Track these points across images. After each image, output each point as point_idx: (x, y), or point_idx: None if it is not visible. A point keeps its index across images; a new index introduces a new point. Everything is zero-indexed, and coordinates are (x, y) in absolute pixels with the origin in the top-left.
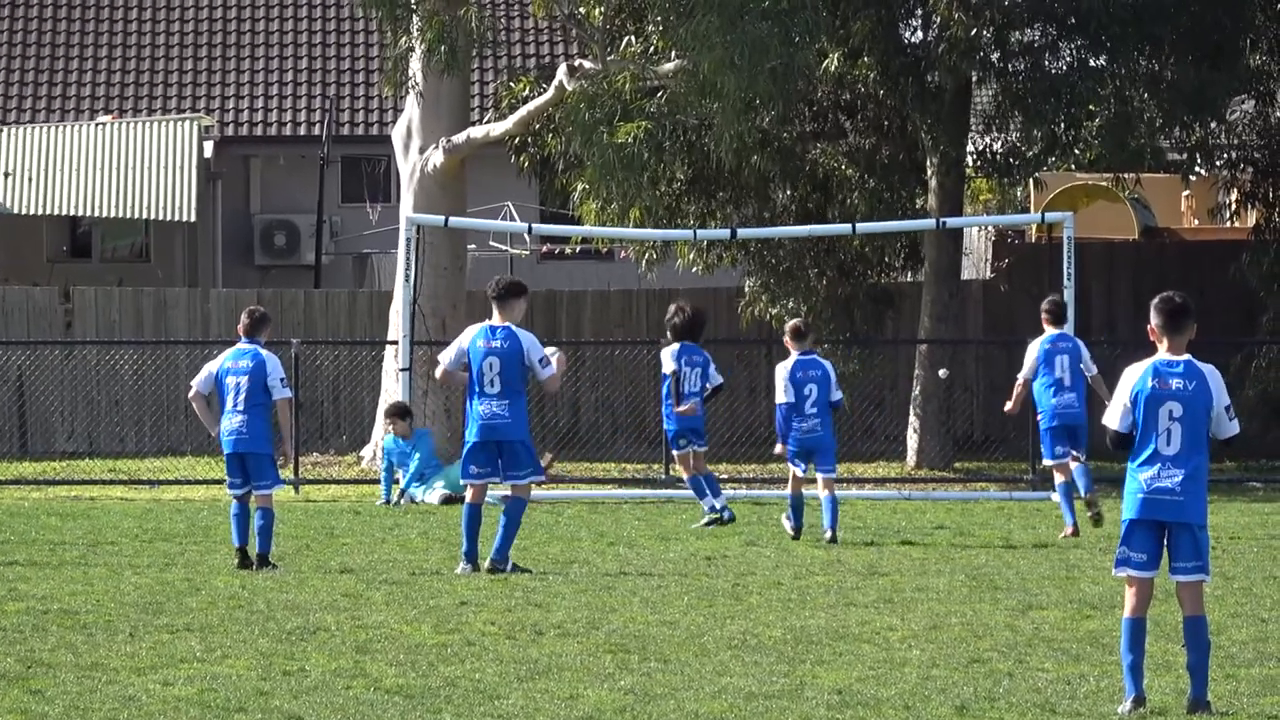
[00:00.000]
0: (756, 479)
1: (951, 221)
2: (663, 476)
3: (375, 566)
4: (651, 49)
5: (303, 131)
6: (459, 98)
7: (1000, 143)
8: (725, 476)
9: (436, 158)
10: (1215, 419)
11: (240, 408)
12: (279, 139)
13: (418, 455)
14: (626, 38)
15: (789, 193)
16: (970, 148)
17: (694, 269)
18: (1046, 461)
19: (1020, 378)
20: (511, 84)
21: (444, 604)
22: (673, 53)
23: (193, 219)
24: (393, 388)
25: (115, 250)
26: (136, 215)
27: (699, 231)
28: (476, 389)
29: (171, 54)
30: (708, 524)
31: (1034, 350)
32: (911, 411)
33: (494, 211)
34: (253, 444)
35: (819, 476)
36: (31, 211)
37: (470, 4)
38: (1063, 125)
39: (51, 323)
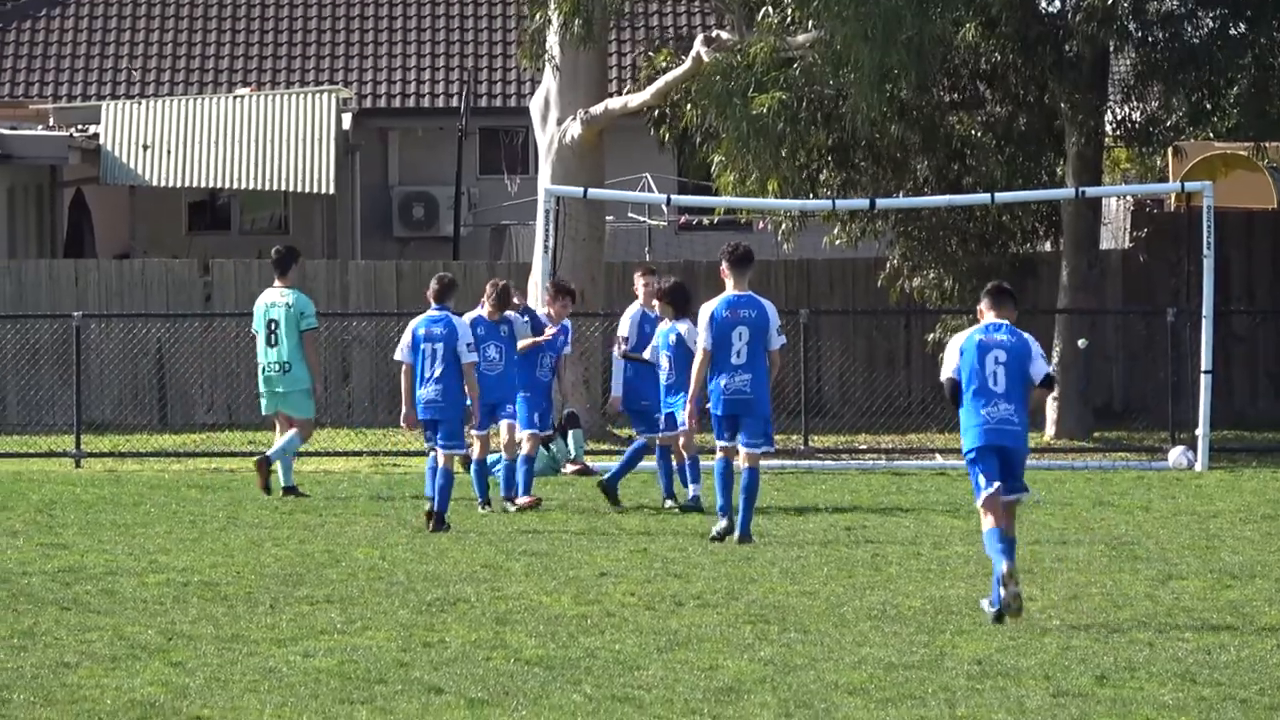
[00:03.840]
0: (896, 450)
1: (1090, 191)
2: (801, 447)
3: (515, 537)
4: (788, 20)
5: (441, 104)
6: (596, 70)
7: (1139, 111)
8: (864, 447)
9: (574, 129)
10: (1033, 367)
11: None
12: (417, 111)
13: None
14: (764, 9)
15: (928, 163)
16: (1109, 116)
17: (837, 242)
18: None
19: None
20: (650, 54)
21: (584, 575)
22: (809, 24)
23: (331, 191)
24: None
25: (254, 223)
26: (275, 188)
27: (838, 202)
28: (720, 360)
29: (310, 27)
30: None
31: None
32: None
33: (632, 183)
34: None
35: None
36: (171, 184)
37: None
38: (1203, 94)
39: (191, 295)
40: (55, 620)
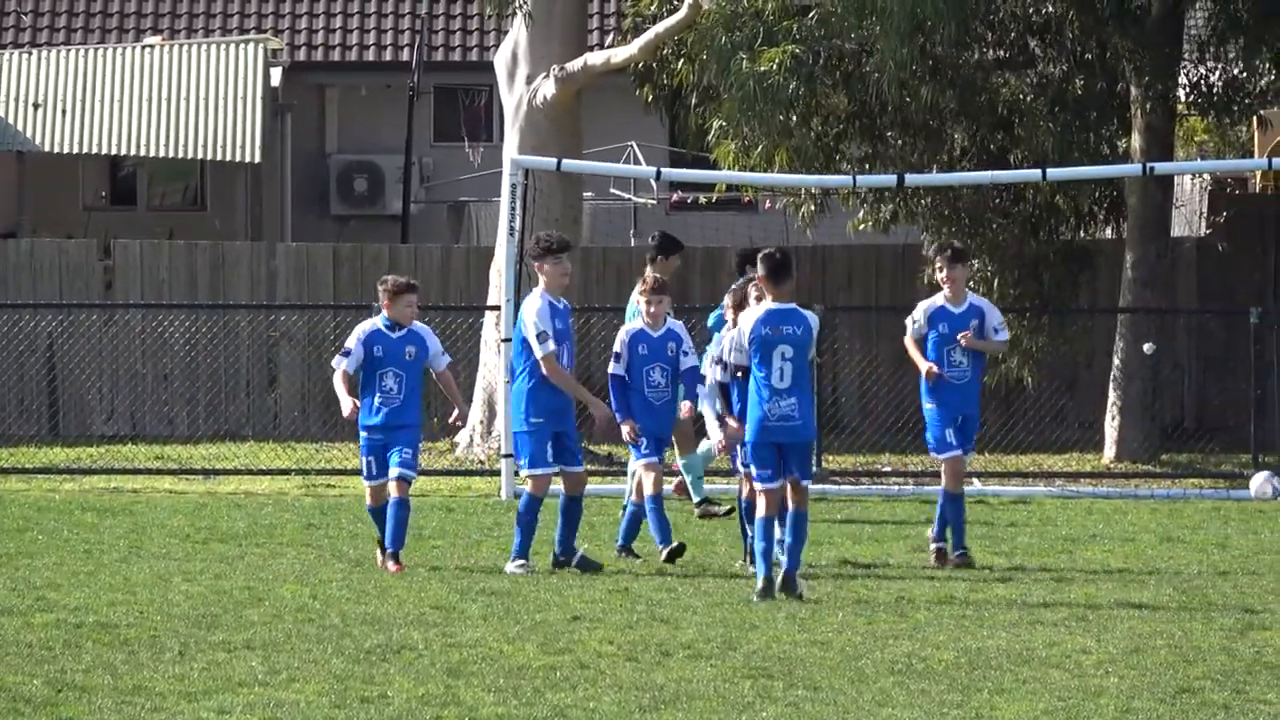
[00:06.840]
0: (925, 473)
1: (1160, 167)
2: (815, 469)
3: (471, 574)
4: None
5: (388, 57)
6: (574, 18)
7: (1218, 74)
8: (888, 469)
9: (547, 88)
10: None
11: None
12: (360, 65)
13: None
14: None
15: (967, 132)
16: (1183, 79)
17: (862, 227)
18: None
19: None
20: (636, 1)
21: (553, 619)
22: None
23: (257, 160)
24: (493, 361)
25: (164, 197)
26: (190, 155)
27: (859, 177)
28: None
29: None
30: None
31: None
32: (1110, 394)
33: (616, 153)
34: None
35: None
36: (66, 150)
37: None
38: None
39: (88, 282)
40: None
